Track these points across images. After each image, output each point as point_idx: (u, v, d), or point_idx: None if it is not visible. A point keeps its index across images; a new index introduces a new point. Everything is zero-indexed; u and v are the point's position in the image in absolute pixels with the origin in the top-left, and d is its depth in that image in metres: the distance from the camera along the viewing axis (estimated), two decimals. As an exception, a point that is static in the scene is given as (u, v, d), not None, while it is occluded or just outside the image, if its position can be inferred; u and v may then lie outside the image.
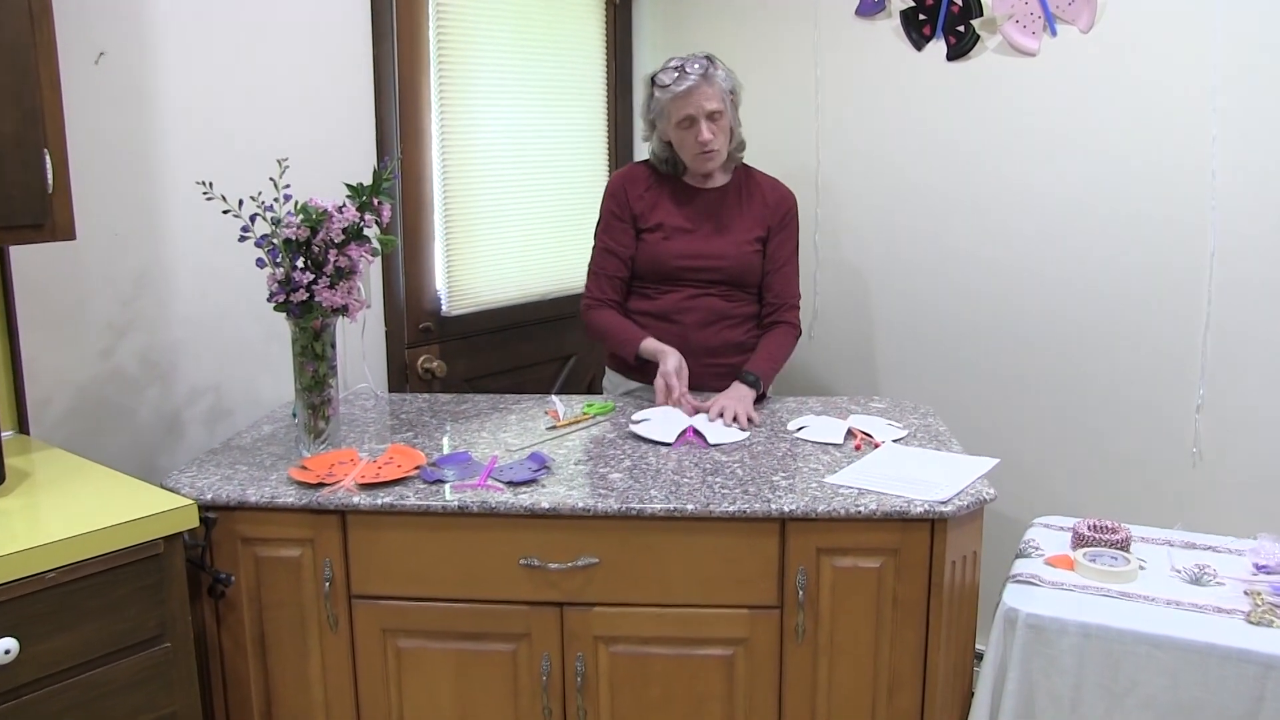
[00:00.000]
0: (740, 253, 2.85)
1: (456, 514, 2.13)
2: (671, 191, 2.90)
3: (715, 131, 2.76)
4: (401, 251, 3.19)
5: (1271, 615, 2.01)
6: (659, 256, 2.85)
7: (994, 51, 3.16)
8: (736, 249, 2.85)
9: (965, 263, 3.32)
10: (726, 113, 2.78)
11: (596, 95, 3.81)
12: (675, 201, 2.88)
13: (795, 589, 2.11)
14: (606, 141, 3.87)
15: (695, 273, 2.84)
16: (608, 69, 3.84)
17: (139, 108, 2.49)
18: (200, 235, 2.60)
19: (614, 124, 3.88)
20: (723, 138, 2.79)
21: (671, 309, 2.84)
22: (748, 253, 2.87)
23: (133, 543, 1.83)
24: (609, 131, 3.88)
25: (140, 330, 2.53)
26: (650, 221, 2.87)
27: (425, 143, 3.24)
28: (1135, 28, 2.93)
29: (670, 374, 2.67)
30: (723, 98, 2.76)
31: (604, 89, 3.83)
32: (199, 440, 2.67)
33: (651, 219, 2.87)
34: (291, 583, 2.19)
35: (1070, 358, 3.17)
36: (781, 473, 2.27)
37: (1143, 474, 3.07)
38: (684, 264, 2.84)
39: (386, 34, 3.06)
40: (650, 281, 2.88)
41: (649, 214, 2.87)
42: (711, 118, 2.74)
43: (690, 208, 2.88)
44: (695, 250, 2.84)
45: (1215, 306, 2.90)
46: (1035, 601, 2.12)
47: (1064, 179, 3.10)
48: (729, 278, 2.85)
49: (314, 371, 2.37)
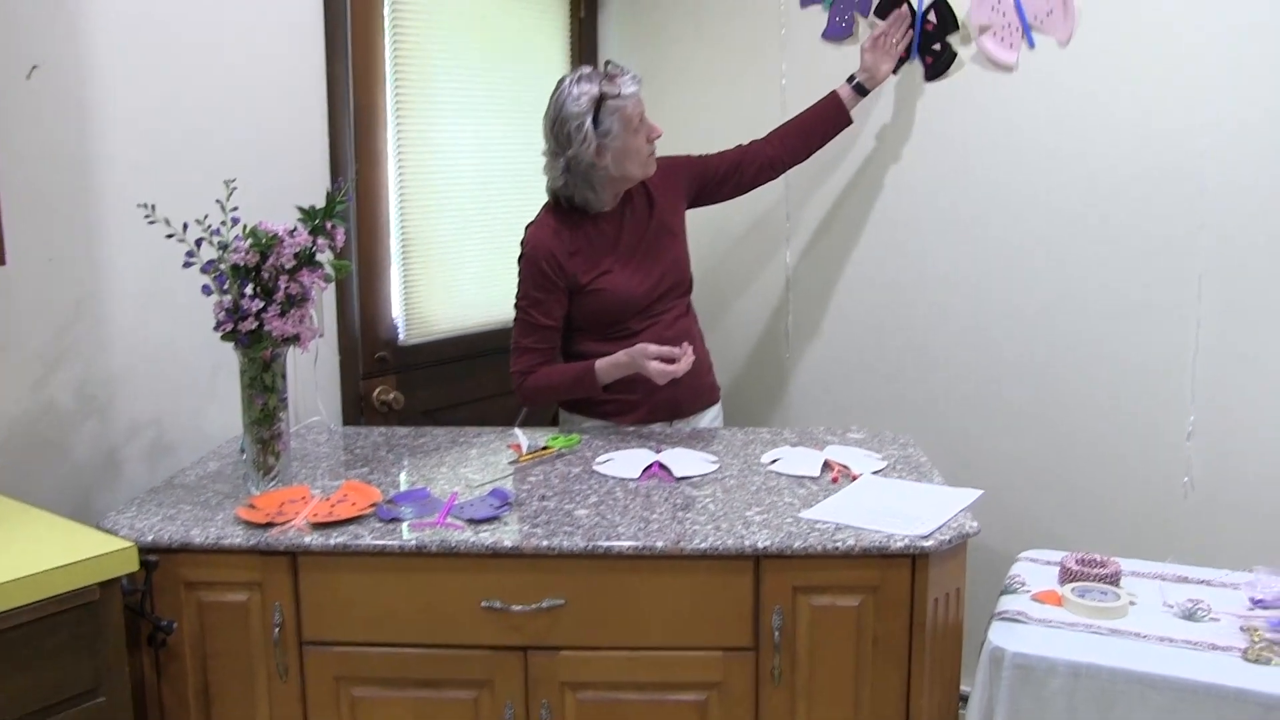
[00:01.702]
0: (677, 252, 2.94)
1: (414, 554, 2.10)
2: (587, 230, 2.86)
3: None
4: (356, 277, 3.16)
5: (1270, 652, 2.00)
6: (622, 298, 2.83)
7: (972, 64, 3.17)
8: (671, 251, 2.92)
9: (946, 287, 3.32)
10: None
11: (560, 113, 3.79)
12: (598, 240, 2.85)
13: (771, 629, 2.09)
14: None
15: (654, 295, 2.85)
16: (572, 86, 3.83)
17: (76, 125, 2.46)
18: (142, 260, 2.56)
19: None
20: None
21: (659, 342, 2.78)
22: (683, 248, 2.96)
23: (66, 589, 1.78)
24: (574, 151, 3.87)
25: (76, 361, 2.49)
26: (592, 274, 2.83)
27: (381, 163, 3.21)
28: (1116, 39, 2.94)
29: (653, 360, 2.67)
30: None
31: (568, 107, 3.82)
32: (139, 478, 2.62)
33: (593, 270, 2.83)
34: (238, 629, 2.15)
35: (1055, 384, 3.17)
36: (755, 507, 2.25)
37: (1132, 505, 3.07)
38: (642, 290, 2.84)
39: (340, 49, 3.04)
40: (620, 324, 2.85)
41: (586, 268, 2.83)
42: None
43: (614, 238, 2.87)
44: (644, 273, 2.85)
45: (1204, 329, 2.91)
46: (1022, 640, 2.10)
47: (1047, 200, 3.11)
48: (680, 284, 2.92)
49: (263, 404, 2.34)
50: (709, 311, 3.69)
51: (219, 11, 2.72)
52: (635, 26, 3.84)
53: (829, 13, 3.38)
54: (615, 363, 2.74)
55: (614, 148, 2.75)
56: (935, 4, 3.17)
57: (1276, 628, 2.06)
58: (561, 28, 3.78)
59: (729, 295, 3.68)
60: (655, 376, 2.67)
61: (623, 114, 2.73)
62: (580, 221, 2.86)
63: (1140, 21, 2.90)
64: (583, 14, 3.82)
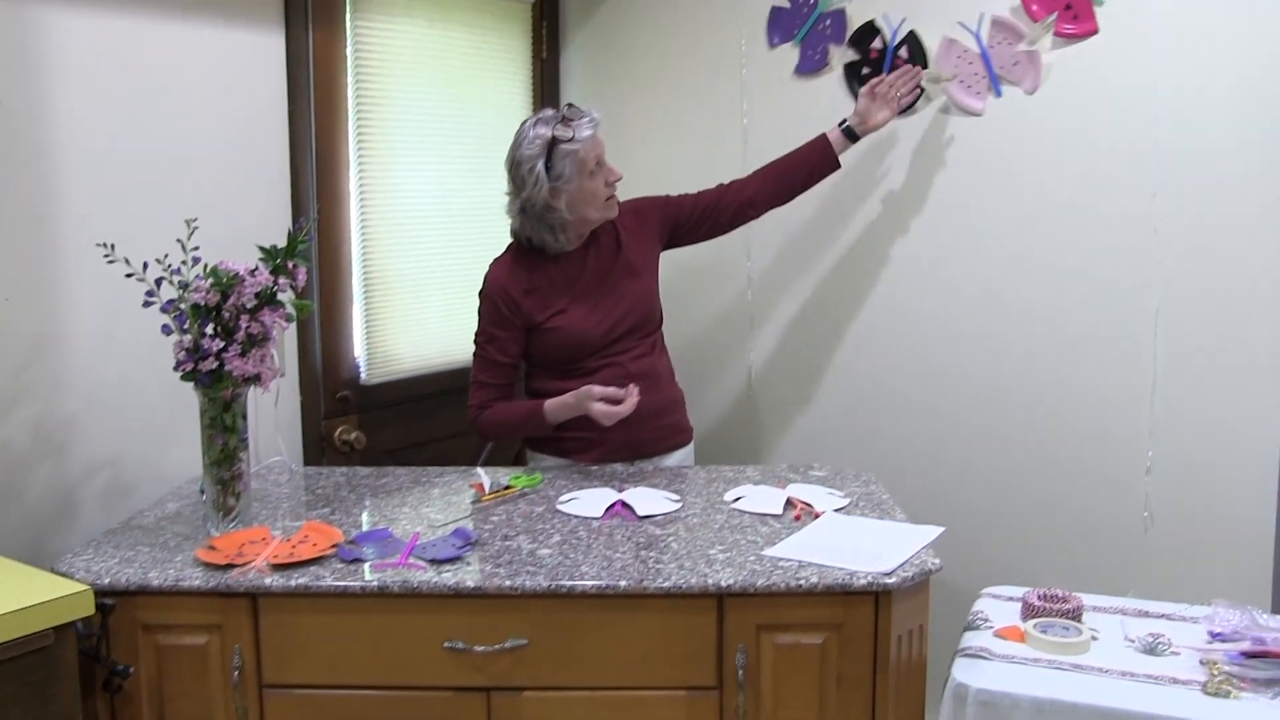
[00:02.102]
0: (640, 293, 2.91)
1: (376, 595, 2.09)
2: (548, 269, 2.87)
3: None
4: (318, 316, 3.16)
5: (1229, 685, 2.01)
6: (577, 337, 2.83)
7: (939, 110, 3.21)
8: (634, 291, 2.90)
9: (906, 324, 3.35)
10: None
11: (523, 153, 3.81)
12: (558, 279, 2.86)
13: (735, 668, 2.09)
14: (534, 200, 3.87)
15: (613, 335, 2.84)
16: (535, 126, 3.85)
17: (35, 163, 2.45)
18: (101, 299, 2.55)
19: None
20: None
21: (615, 382, 2.78)
22: (648, 289, 2.94)
23: (18, 634, 1.77)
24: (537, 190, 3.88)
25: (32, 401, 2.47)
26: (547, 312, 2.84)
27: (343, 202, 3.22)
28: (1079, 87, 3.00)
29: (598, 401, 2.68)
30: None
31: (531, 146, 3.84)
32: (97, 520, 2.60)
33: (548, 309, 2.84)
34: (197, 673, 2.13)
35: (1015, 419, 3.19)
36: (718, 545, 2.25)
37: (1093, 539, 3.09)
38: (600, 330, 2.83)
39: (303, 88, 3.05)
40: (577, 362, 2.85)
41: (542, 307, 2.84)
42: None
43: (574, 277, 2.87)
44: (602, 313, 2.84)
45: (1161, 364, 2.94)
46: (986, 676, 2.10)
47: (1008, 240, 3.15)
48: (643, 324, 2.90)
49: (224, 444, 2.33)
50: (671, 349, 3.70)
51: (182, 51, 2.73)
52: (597, 68, 3.87)
53: (800, 48, 3.42)
54: (563, 403, 2.75)
55: (568, 191, 2.76)
56: (906, 40, 3.22)
57: (1235, 661, 2.08)
58: (523, 68, 3.80)
59: (691, 333, 3.70)
60: (599, 418, 2.68)
61: (576, 158, 2.73)
62: (541, 261, 2.87)
63: (1102, 71, 2.96)
64: (544, 55, 3.85)
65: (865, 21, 3.29)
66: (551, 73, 3.89)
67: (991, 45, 3.09)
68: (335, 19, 3.14)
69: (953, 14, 3.13)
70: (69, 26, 2.50)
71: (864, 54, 3.30)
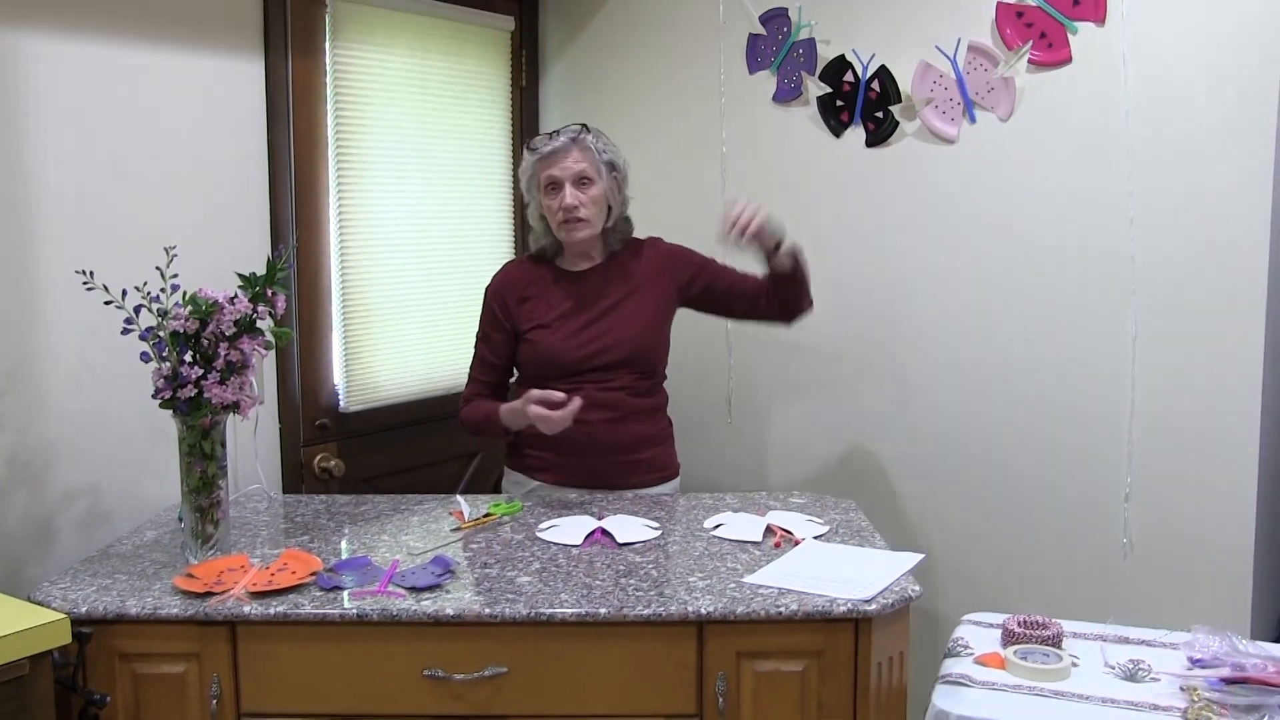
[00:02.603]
0: (638, 332, 2.86)
1: (355, 623, 2.08)
2: (552, 282, 2.90)
3: (581, 199, 2.77)
4: (297, 344, 3.16)
5: (1209, 712, 2.03)
6: (550, 353, 2.84)
7: (913, 137, 3.25)
8: (634, 328, 2.86)
9: (885, 352, 3.37)
10: (600, 182, 2.80)
11: (502, 180, 3.82)
12: (556, 293, 2.88)
13: (715, 695, 2.09)
14: (512, 228, 3.88)
15: (590, 363, 2.83)
16: (514, 153, 3.86)
17: (11, 190, 2.45)
18: (79, 327, 2.55)
19: (520, 209, 3.89)
20: (593, 207, 2.80)
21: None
22: (646, 329, 2.88)
23: (-6, 664, 1.76)
24: (515, 217, 3.89)
25: (8, 430, 2.46)
26: (532, 323, 2.87)
27: (322, 230, 3.23)
28: (1053, 114, 3.03)
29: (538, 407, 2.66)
30: (595, 165, 2.79)
31: (509, 174, 3.85)
32: (74, 548, 2.59)
33: (533, 320, 2.87)
34: (174, 701, 2.12)
35: (995, 447, 3.21)
36: (698, 573, 2.26)
37: (1073, 566, 3.11)
38: (580, 354, 2.83)
39: (282, 116, 3.06)
40: (549, 380, 2.84)
41: (530, 316, 2.87)
42: (579, 184, 2.77)
43: (572, 296, 2.88)
44: (588, 339, 2.83)
45: (1139, 392, 2.97)
46: (966, 703, 2.11)
47: (985, 266, 3.18)
48: (632, 360, 2.84)
49: (202, 472, 2.33)
50: (652, 377, 3.72)
51: (161, 79, 2.74)
52: (576, 95, 3.89)
53: (777, 76, 3.45)
54: (512, 408, 2.77)
55: (532, 203, 2.86)
56: (878, 74, 3.25)
57: (1215, 687, 2.09)
58: (503, 96, 3.82)
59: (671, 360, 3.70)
60: (536, 421, 2.68)
61: (528, 173, 2.83)
62: (548, 272, 2.92)
63: (1075, 98, 2.99)
64: (524, 83, 3.87)
65: (836, 56, 3.33)
66: (531, 101, 3.92)
67: (967, 71, 3.12)
68: (315, 47, 3.16)
69: (928, 39, 3.17)
70: (48, 54, 2.50)
71: (836, 88, 3.34)
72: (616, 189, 2.87)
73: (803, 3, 3.37)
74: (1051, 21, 2.99)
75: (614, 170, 2.84)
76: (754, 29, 3.47)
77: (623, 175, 2.88)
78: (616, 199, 2.87)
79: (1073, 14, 2.96)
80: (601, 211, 2.84)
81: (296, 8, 3.09)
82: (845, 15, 3.31)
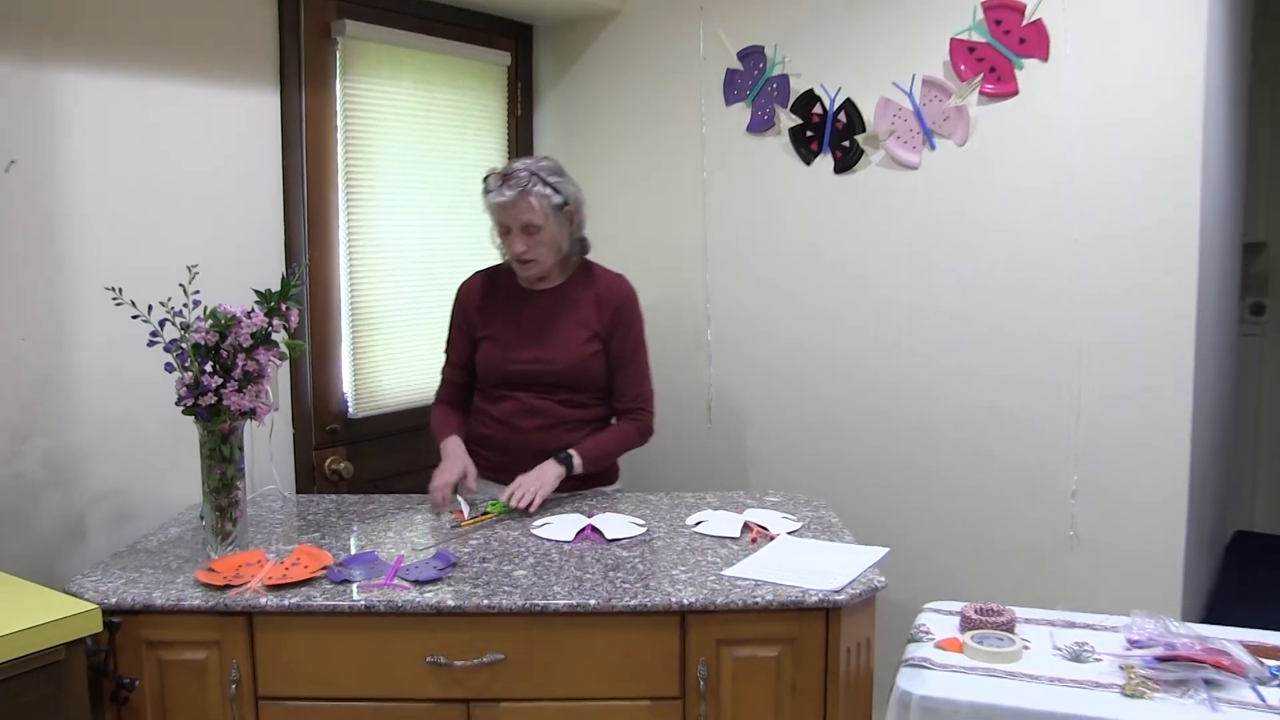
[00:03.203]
0: (572, 356, 2.80)
1: (363, 614, 2.09)
2: (507, 296, 2.87)
3: (530, 245, 2.71)
4: (309, 355, 3.16)
5: (1144, 687, 2.05)
6: (491, 363, 2.84)
7: (878, 165, 3.26)
8: (567, 352, 2.80)
9: (853, 363, 3.38)
10: (548, 227, 2.71)
11: (500, 203, 3.83)
12: (509, 307, 2.86)
13: (696, 680, 2.10)
14: (510, 247, 3.89)
15: (529, 377, 2.80)
16: (510, 178, 3.87)
17: (49, 214, 2.46)
18: (109, 339, 2.55)
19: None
20: (542, 249, 2.73)
21: (510, 414, 2.82)
22: (581, 355, 2.80)
23: (32, 650, 1.76)
24: (512, 237, 3.90)
25: (44, 434, 2.46)
26: (483, 331, 2.86)
27: (333, 249, 3.23)
28: (1004, 141, 3.05)
29: (437, 489, 2.67)
30: (543, 212, 2.69)
31: (507, 197, 3.86)
32: (103, 544, 2.59)
33: (485, 329, 2.86)
34: (197, 686, 2.11)
35: (953, 450, 3.23)
36: (681, 566, 2.27)
37: (1024, 558, 3.12)
38: (515, 369, 2.81)
39: (295, 144, 3.06)
40: (490, 386, 2.86)
41: (483, 324, 2.87)
42: (527, 230, 2.70)
43: (522, 313, 2.84)
44: (524, 355, 2.80)
45: (1085, 398, 2.98)
46: (928, 684, 2.13)
47: (945, 282, 3.20)
48: (564, 381, 2.80)
49: (221, 474, 2.33)
50: (637, 385, 3.73)
51: (185, 110, 2.74)
52: (567, 124, 3.90)
53: (752, 107, 3.47)
54: (442, 453, 2.79)
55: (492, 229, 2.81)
56: (844, 106, 3.28)
57: (1150, 665, 2.12)
58: (499, 125, 3.83)
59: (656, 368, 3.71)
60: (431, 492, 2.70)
61: (486, 205, 2.76)
62: (502, 283, 2.89)
63: (1023, 124, 3.02)
64: (519, 113, 3.88)
65: (806, 90, 3.35)
66: (525, 129, 3.92)
67: (924, 103, 3.15)
68: (326, 80, 3.17)
69: (890, 73, 3.19)
70: (80, 88, 2.51)
71: (806, 119, 3.36)
72: (568, 223, 2.78)
73: (778, 40, 3.39)
74: (1000, 57, 3.02)
75: (564, 207, 2.75)
76: (731, 64, 3.48)
77: (575, 207, 2.79)
78: (567, 233, 2.79)
79: (1019, 51, 2.99)
80: (552, 250, 2.76)
81: (310, 45, 3.09)
82: (815, 51, 3.33)
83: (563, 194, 2.74)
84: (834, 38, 3.29)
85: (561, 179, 2.77)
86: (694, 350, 3.66)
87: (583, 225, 2.86)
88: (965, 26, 3.06)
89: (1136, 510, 2.93)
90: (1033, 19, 2.96)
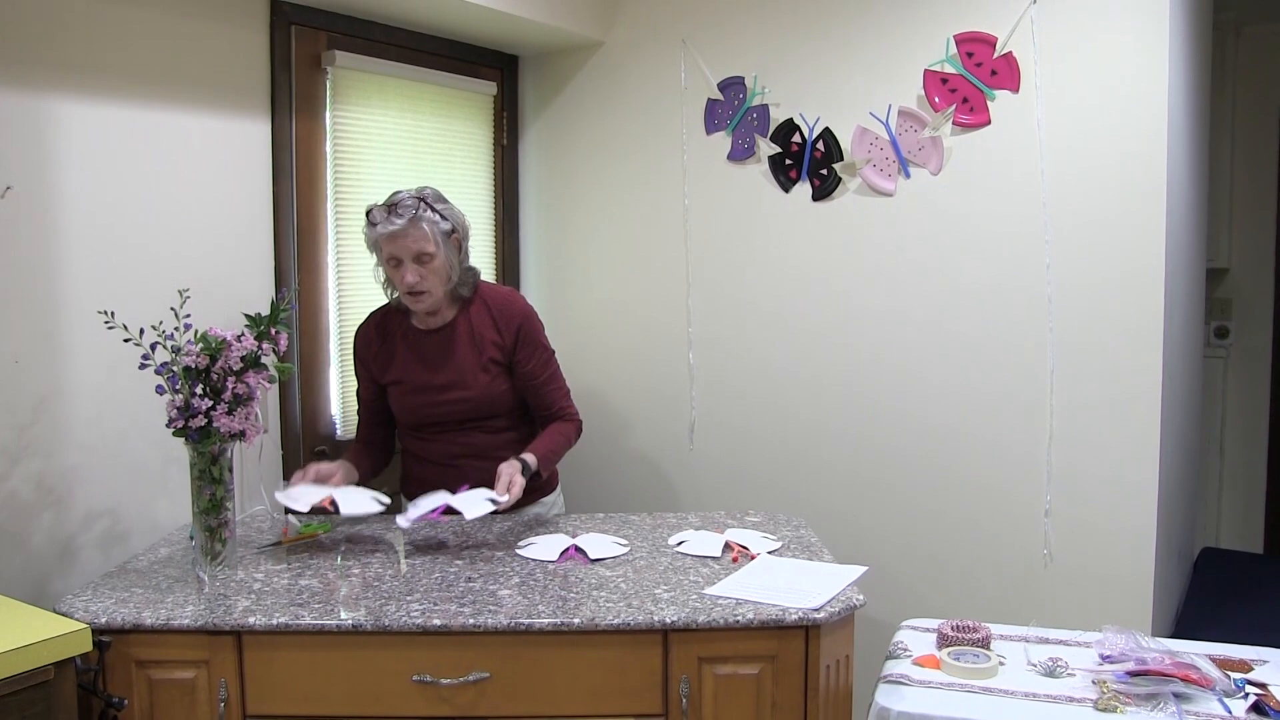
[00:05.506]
0: (480, 384, 2.76)
1: (350, 633, 2.07)
2: (402, 338, 2.82)
3: (423, 274, 2.65)
4: (298, 378, 3.14)
5: (1116, 702, 2.05)
6: (406, 409, 2.81)
7: (855, 192, 3.27)
8: (475, 382, 2.76)
9: (831, 387, 3.38)
10: (439, 254, 2.65)
11: (484, 229, 3.83)
12: (406, 349, 2.81)
13: (679, 697, 2.09)
14: (494, 274, 3.89)
15: (447, 416, 2.78)
16: (495, 205, 3.87)
17: (43, 239, 2.44)
18: (100, 362, 2.53)
19: (501, 257, 3.91)
20: (433, 278, 2.67)
21: (441, 455, 2.79)
22: (487, 382, 2.77)
23: (22, 669, 1.74)
24: (496, 265, 3.90)
25: (36, 456, 2.44)
26: (387, 378, 2.82)
27: (322, 274, 3.22)
28: (977, 169, 3.07)
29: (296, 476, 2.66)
30: (434, 238, 2.63)
31: (491, 225, 3.86)
32: (94, 564, 2.56)
33: (388, 375, 2.82)
34: (185, 704, 2.09)
35: (930, 471, 3.23)
36: (663, 585, 2.26)
37: (1000, 575, 3.12)
38: (432, 412, 2.78)
39: (286, 171, 3.05)
40: (413, 428, 2.84)
41: (384, 371, 2.82)
42: (419, 260, 2.64)
43: (421, 352, 2.79)
44: (437, 398, 2.77)
45: (1057, 419, 2.99)
46: (906, 700, 2.12)
47: (920, 306, 3.20)
48: (480, 412, 2.78)
49: (211, 495, 2.32)
50: (620, 412, 3.74)
51: (177, 138, 2.73)
52: (552, 152, 3.90)
53: (732, 136, 3.48)
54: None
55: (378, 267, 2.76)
56: (822, 135, 3.29)
57: (1122, 680, 2.12)
58: (486, 153, 3.83)
59: (638, 389, 3.72)
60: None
61: (371, 239, 2.70)
62: (395, 324, 2.85)
63: (996, 153, 3.04)
64: (505, 141, 3.88)
65: (785, 119, 3.36)
66: (511, 157, 3.92)
67: (899, 132, 3.16)
68: (316, 109, 3.16)
69: (866, 104, 3.21)
70: (75, 116, 2.49)
71: (785, 148, 3.37)
72: (456, 251, 2.73)
73: (758, 71, 3.40)
74: (973, 88, 3.04)
75: (453, 234, 2.71)
76: (712, 94, 3.49)
77: (462, 234, 2.74)
78: (456, 261, 2.73)
79: (991, 83, 3.01)
80: (443, 278, 2.70)
81: (300, 74, 3.09)
82: (794, 82, 3.34)
83: (450, 220, 2.71)
84: (812, 69, 3.31)
85: (447, 205, 2.73)
86: (677, 373, 3.66)
87: (469, 255, 2.81)
88: (939, 59, 3.08)
89: (1108, 529, 2.94)
90: (1004, 52, 2.98)
